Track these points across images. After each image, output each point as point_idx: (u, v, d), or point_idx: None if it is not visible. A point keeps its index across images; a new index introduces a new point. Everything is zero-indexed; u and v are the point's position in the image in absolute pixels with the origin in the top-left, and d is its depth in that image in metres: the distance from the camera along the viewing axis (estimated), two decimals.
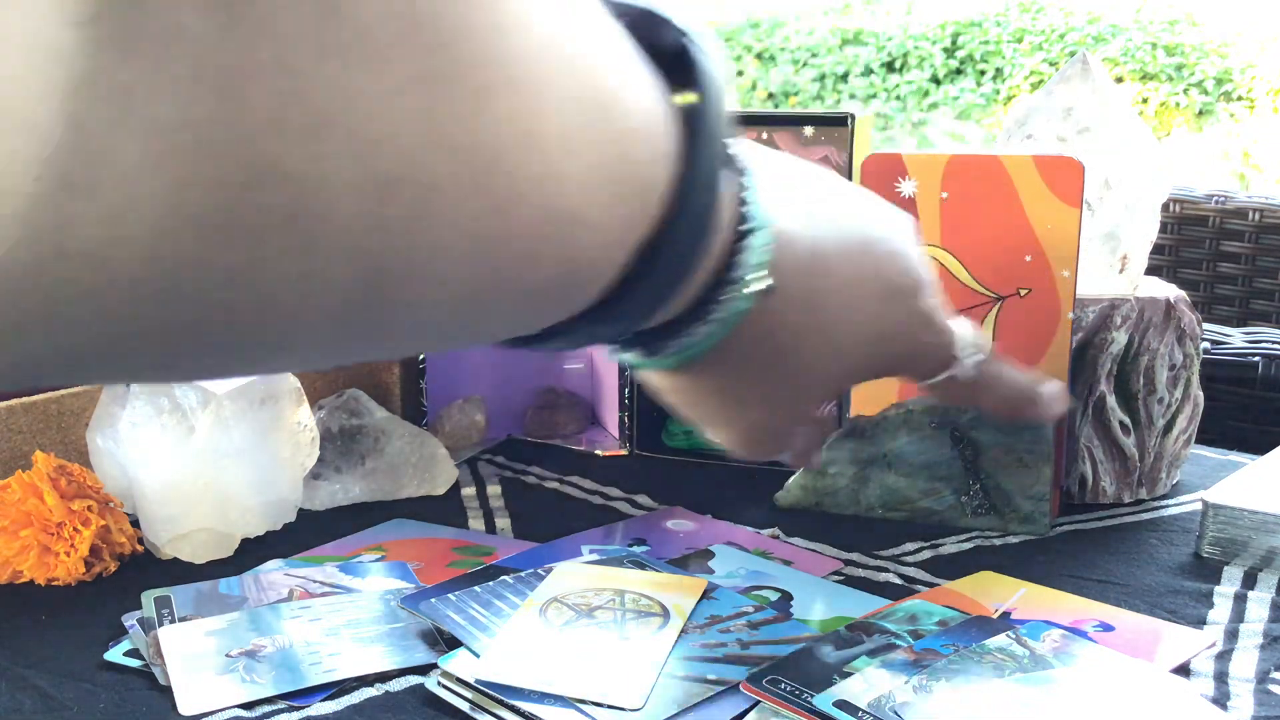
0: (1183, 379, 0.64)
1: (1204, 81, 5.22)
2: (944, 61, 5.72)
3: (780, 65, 6.05)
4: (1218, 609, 0.50)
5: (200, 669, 0.44)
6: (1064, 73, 0.66)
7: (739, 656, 0.44)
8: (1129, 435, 0.63)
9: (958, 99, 5.66)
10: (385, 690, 0.44)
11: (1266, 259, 1.39)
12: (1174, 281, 0.70)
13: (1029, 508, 0.58)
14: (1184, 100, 5.21)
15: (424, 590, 0.49)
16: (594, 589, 0.49)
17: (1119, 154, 0.64)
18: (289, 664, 0.45)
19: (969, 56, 5.72)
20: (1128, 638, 0.47)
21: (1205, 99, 5.20)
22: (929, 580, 0.53)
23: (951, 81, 5.73)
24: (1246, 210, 1.40)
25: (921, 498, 0.59)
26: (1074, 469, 0.63)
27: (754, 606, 0.48)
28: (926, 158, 0.59)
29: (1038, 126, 0.65)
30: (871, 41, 5.91)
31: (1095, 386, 0.62)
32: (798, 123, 0.67)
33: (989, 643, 0.44)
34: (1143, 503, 0.64)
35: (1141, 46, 5.36)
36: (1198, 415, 0.66)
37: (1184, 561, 0.56)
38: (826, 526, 0.59)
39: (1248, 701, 0.43)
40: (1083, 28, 5.56)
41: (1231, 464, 0.70)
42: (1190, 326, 0.64)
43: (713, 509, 0.61)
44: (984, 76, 5.68)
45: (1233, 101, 5.17)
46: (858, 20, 6.08)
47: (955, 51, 5.76)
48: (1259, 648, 0.47)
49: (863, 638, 0.44)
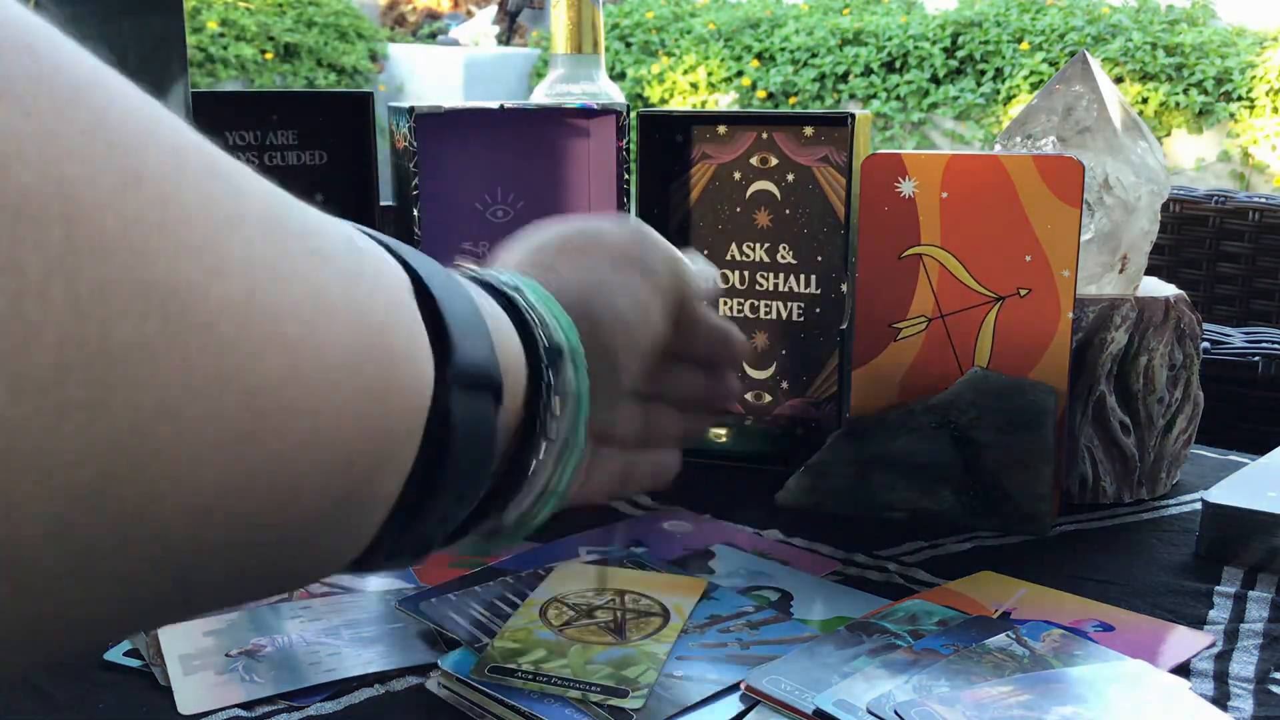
0: (1183, 379, 0.64)
1: (1204, 81, 5.21)
2: (944, 61, 5.72)
3: (780, 65, 6.05)
4: (1218, 609, 0.50)
5: (200, 669, 0.44)
6: (1064, 73, 0.66)
7: (739, 656, 0.44)
8: (1129, 435, 0.63)
9: (958, 99, 5.66)
10: (385, 690, 0.44)
11: (1266, 259, 1.39)
12: (1174, 281, 0.70)
13: (1029, 508, 0.58)
14: (1184, 100, 5.21)
15: (424, 591, 0.49)
16: (594, 589, 0.49)
17: (1119, 154, 0.64)
18: (289, 664, 0.45)
19: (969, 56, 5.72)
20: (1128, 638, 0.47)
21: (1205, 99, 5.19)
22: (929, 580, 0.53)
23: (951, 81, 5.73)
24: (1246, 210, 1.40)
25: (921, 498, 0.59)
26: (1074, 469, 0.63)
27: (754, 606, 0.48)
28: (926, 158, 0.59)
29: (1038, 126, 0.66)
30: (871, 41, 5.91)
31: (1095, 386, 0.62)
32: (798, 123, 0.67)
33: (989, 643, 0.44)
34: (1143, 503, 0.64)
35: (1141, 46, 5.36)
36: (1198, 415, 0.66)
37: (1184, 561, 0.56)
38: (826, 526, 0.59)
39: (1248, 701, 0.43)
40: (1083, 28, 5.55)
41: (1231, 464, 0.70)
42: (1190, 326, 0.64)
43: (712, 509, 0.61)
44: (984, 76, 5.68)
45: (1233, 101, 5.17)
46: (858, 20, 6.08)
47: (955, 51, 5.76)
48: (1259, 648, 0.47)
49: (863, 638, 0.44)
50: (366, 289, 0.27)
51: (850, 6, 6.41)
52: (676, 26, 6.54)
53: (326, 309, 0.25)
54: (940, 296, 0.59)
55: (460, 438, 0.31)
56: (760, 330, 0.70)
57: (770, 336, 0.69)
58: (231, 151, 0.73)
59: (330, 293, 0.26)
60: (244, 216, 0.24)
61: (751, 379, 0.70)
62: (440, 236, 0.69)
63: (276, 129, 0.72)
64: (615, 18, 6.68)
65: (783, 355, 0.69)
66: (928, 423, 0.59)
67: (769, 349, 0.70)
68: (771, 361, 0.70)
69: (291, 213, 0.26)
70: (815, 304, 0.68)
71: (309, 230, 0.26)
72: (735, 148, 0.69)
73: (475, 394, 0.32)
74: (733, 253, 0.69)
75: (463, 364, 0.31)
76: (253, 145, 0.72)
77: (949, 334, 0.59)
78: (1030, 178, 0.57)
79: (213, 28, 6.16)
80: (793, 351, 0.69)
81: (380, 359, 0.27)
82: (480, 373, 0.32)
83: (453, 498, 0.33)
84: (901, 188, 0.59)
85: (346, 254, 0.27)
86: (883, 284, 0.60)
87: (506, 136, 0.71)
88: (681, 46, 6.37)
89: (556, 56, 0.89)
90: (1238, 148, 5.15)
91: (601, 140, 0.71)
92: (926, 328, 0.60)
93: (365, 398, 0.26)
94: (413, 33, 8.25)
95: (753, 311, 0.69)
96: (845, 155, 0.66)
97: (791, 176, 0.68)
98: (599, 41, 0.89)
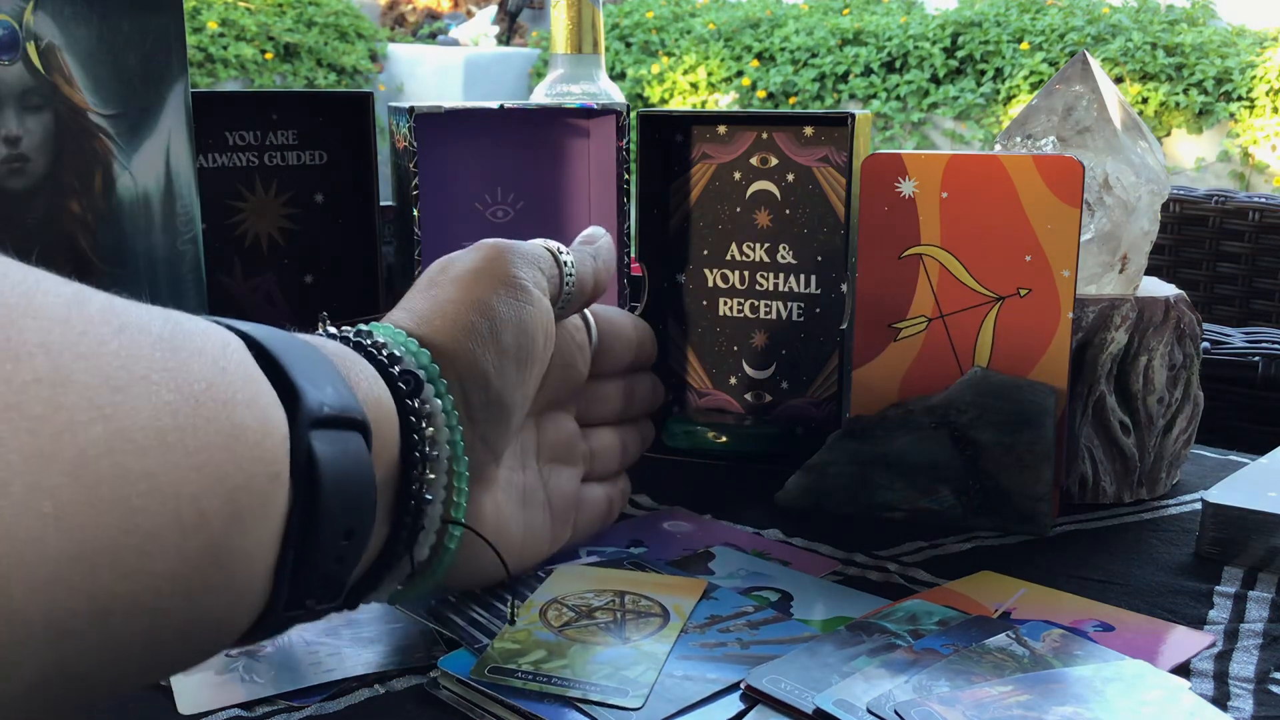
0: (1183, 379, 0.64)
1: (1204, 81, 5.21)
2: (944, 61, 5.72)
3: (780, 65, 6.05)
4: (1218, 609, 0.50)
5: (200, 669, 0.44)
6: (1064, 73, 0.66)
7: (739, 656, 0.44)
8: (1129, 435, 0.63)
9: (958, 99, 5.66)
10: (385, 690, 0.44)
11: (1266, 259, 1.39)
12: (1174, 281, 0.70)
13: (1029, 508, 0.58)
14: (1184, 100, 5.21)
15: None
16: (594, 590, 0.49)
17: (1119, 154, 0.64)
18: (289, 664, 0.45)
19: (969, 56, 5.72)
20: (1128, 638, 0.47)
21: (1205, 99, 5.19)
22: (929, 580, 0.53)
23: (951, 81, 5.73)
24: (1246, 210, 1.40)
25: (921, 498, 0.59)
26: (1074, 469, 0.63)
27: (754, 606, 0.48)
28: (926, 158, 0.59)
29: (1038, 126, 0.66)
30: (871, 41, 5.91)
31: (1095, 386, 0.62)
32: (798, 123, 0.67)
33: (989, 643, 0.44)
34: (1143, 503, 0.64)
35: (1141, 46, 5.36)
36: (1198, 415, 0.66)
37: (1184, 561, 0.56)
38: (826, 526, 0.59)
39: (1248, 701, 0.43)
40: (1083, 28, 5.55)
41: (1231, 464, 0.70)
42: (1190, 326, 0.64)
43: (712, 509, 0.61)
44: (984, 76, 5.68)
45: (1233, 101, 5.17)
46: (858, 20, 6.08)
47: (955, 51, 5.76)
48: (1259, 648, 0.47)
49: (863, 638, 0.44)
50: (188, 352, 0.28)
51: (850, 6, 6.41)
52: (676, 26, 6.54)
53: (141, 375, 0.26)
54: (940, 296, 0.59)
55: (331, 473, 0.32)
56: (760, 330, 0.70)
57: (770, 336, 0.69)
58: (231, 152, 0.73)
59: (144, 361, 0.26)
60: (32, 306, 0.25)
61: (751, 379, 0.70)
62: (440, 236, 0.69)
63: (276, 129, 0.72)
64: (615, 18, 6.68)
65: (783, 355, 0.69)
66: (927, 422, 0.59)
67: (769, 349, 0.70)
68: (771, 361, 0.70)
69: (91, 298, 0.27)
70: (815, 304, 0.68)
71: (114, 310, 0.27)
72: (735, 148, 0.69)
73: (337, 430, 0.33)
74: (733, 253, 0.69)
75: (313, 405, 0.32)
76: (253, 145, 0.72)
77: (949, 334, 0.59)
78: (1030, 178, 0.57)
79: (213, 28, 6.16)
80: (793, 351, 0.69)
81: (212, 412, 0.28)
82: (337, 410, 0.33)
83: (341, 535, 0.33)
84: (901, 188, 0.59)
85: (161, 326, 0.28)
86: (883, 284, 0.60)
87: (506, 136, 0.71)
88: (681, 46, 6.37)
89: (556, 56, 0.89)
90: (1238, 148, 5.15)
91: (601, 140, 0.71)
92: (926, 328, 0.60)
93: (204, 450, 0.27)
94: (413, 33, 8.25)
95: (753, 311, 0.69)
96: (845, 155, 0.66)
97: (791, 176, 0.68)
98: (599, 41, 0.89)
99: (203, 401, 0.28)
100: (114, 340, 0.26)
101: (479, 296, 0.45)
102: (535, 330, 0.47)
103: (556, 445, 0.52)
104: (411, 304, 0.45)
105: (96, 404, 0.24)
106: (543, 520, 0.50)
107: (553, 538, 0.51)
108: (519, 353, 0.45)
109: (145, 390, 0.26)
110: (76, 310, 0.26)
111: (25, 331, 0.24)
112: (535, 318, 0.47)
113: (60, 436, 0.23)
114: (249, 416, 0.29)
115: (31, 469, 0.22)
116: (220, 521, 0.28)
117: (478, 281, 0.46)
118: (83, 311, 0.26)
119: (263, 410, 0.30)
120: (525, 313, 0.46)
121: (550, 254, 0.49)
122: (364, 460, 0.34)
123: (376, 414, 0.37)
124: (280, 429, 0.31)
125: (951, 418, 0.58)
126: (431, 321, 0.44)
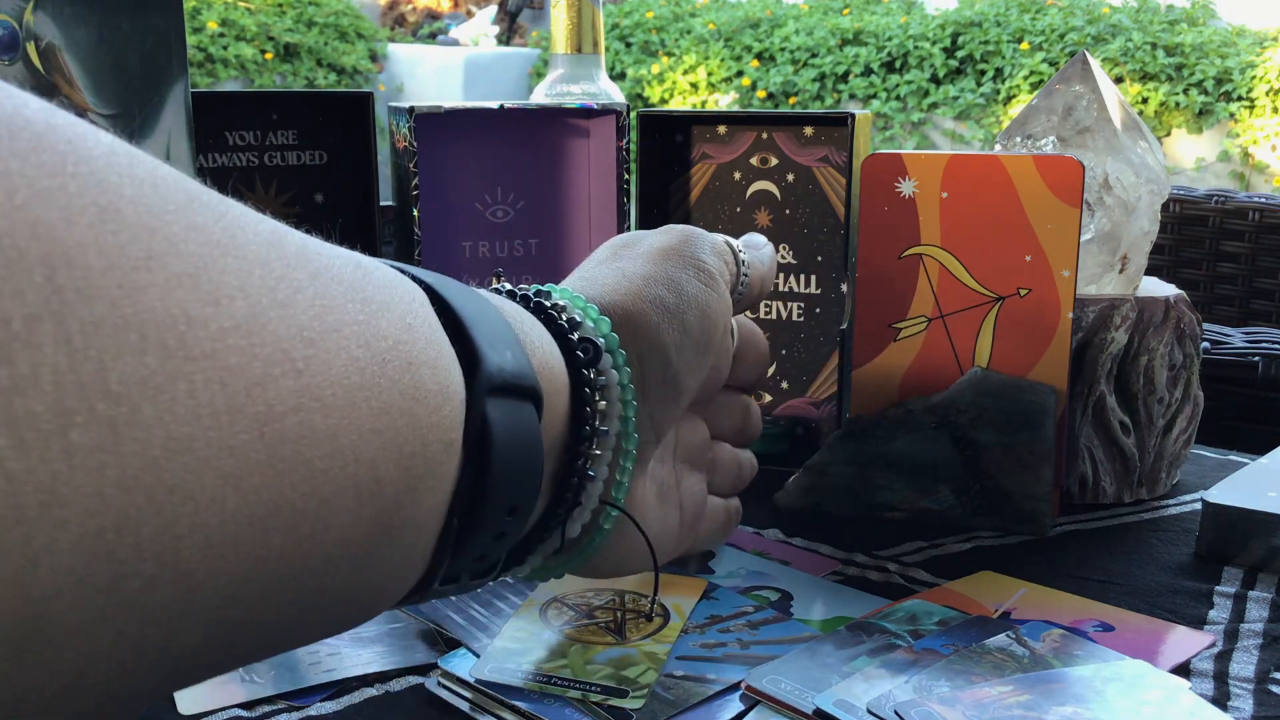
0: (1183, 379, 0.64)
1: (1204, 81, 5.21)
2: (944, 61, 5.72)
3: (780, 65, 6.05)
4: (1218, 609, 0.50)
5: None
6: (1064, 73, 0.66)
7: (739, 656, 0.44)
8: (1129, 435, 0.63)
9: (958, 99, 5.66)
10: (385, 690, 0.44)
11: (1266, 259, 1.39)
12: (1174, 281, 0.70)
13: (1029, 508, 0.58)
14: (1184, 100, 5.21)
15: None
16: (594, 589, 0.49)
17: (1119, 154, 0.64)
18: (289, 664, 0.45)
19: (969, 56, 5.72)
20: (1128, 638, 0.47)
21: (1205, 99, 5.19)
22: (929, 580, 0.53)
23: (951, 81, 5.73)
24: (1246, 210, 1.40)
25: (921, 498, 0.59)
26: (1074, 469, 0.63)
27: (754, 606, 0.48)
28: (926, 158, 0.59)
29: (1038, 126, 0.66)
30: (871, 41, 5.91)
31: (1095, 386, 0.62)
32: (798, 123, 0.67)
33: (989, 643, 0.44)
34: (1143, 503, 0.64)
35: (1141, 46, 5.36)
36: (1198, 415, 0.66)
37: (1184, 561, 0.56)
38: (826, 526, 0.59)
39: (1248, 701, 0.43)
40: (1083, 28, 5.56)
41: (1231, 464, 0.70)
42: (1190, 326, 0.64)
43: None
44: (984, 76, 5.68)
45: (1233, 101, 5.17)
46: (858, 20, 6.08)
47: (955, 51, 5.76)
48: (1259, 648, 0.47)
49: (863, 638, 0.44)
50: (377, 305, 0.27)
51: (850, 6, 6.41)
52: (676, 26, 6.54)
53: (333, 327, 0.24)
54: (940, 296, 0.59)
55: (502, 445, 0.30)
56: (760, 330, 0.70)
57: (770, 336, 0.69)
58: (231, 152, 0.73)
59: (336, 312, 0.25)
60: (235, 243, 0.23)
61: None
62: (440, 236, 0.69)
63: (276, 129, 0.72)
64: (615, 18, 6.68)
65: (783, 355, 0.69)
66: (927, 422, 0.59)
67: (769, 349, 0.70)
68: (771, 361, 0.70)
69: (287, 238, 0.25)
70: (815, 304, 0.68)
71: (308, 253, 0.25)
72: (735, 148, 0.69)
73: (511, 399, 0.31)
74: None
75: (492, 370, 0.30)
76: (253, 145, 0.72)
77: (949, 334, 0.59)
78: (1030, 178, 0.57)
79: (213, 28, 6.16)
80: (793, 351, 0.69)
81: (397, 372, 0.26)
82: (513, 377, 0.31)
83: (505, 510, 0.32)
84: (901, 188, 0.59)
85: (352, 274, 0.26)
86: (883, 284, 0.60)
87: (506, 136, 0.71)
88: (681, 46, 6.37)
89: (556, 56, 0.89)
90: (1238, 148, 5.15)
91: (601, 140, 0.71)
92: (926, 328, 0.60)
93: (387, 413, 0.26)
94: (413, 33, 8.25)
95: (753, 311, 0.69)
96: (845, 155, 0.66)
97: (791, 176, 0.68)
98: (599, 41, 0.89)
99: (389, 360, 0.26)
100: (309, 287, 0.24)
101: (668, 273, 0.43)
102: (718, 317, 0.45)
103: (691, 447, 0.49)
104: (591, 273, 0.43)
105: (291, 356, 0.23)
106: (675, 520, 0.47)
107: (679, 540, 0.47)
108: (701, 336, 0.43)
109: (336, 345, 0.24)
110: (275, 251, 0.24)
111: (226, 272, 0.22)
112: (719, 305, 0.45)
113: (251, 390, 0.22)
114: (431, 379, 0.27)
115: (219, 424, 0.21)
116: (393, 489, 0.26)
117: (667, 259, 0.44)
118: (280, 252, 0.24)
119: (445, 373, 0.28)
120: (711, 298, 0.44)
121: (730, 249, 0.48)
122: (535, 434, 0.32)
123: (549, 382, 0.35)
124: (458, 394, 0.29)
125: (951, 418, 0.58)
126: (616, 291, 0.42)
